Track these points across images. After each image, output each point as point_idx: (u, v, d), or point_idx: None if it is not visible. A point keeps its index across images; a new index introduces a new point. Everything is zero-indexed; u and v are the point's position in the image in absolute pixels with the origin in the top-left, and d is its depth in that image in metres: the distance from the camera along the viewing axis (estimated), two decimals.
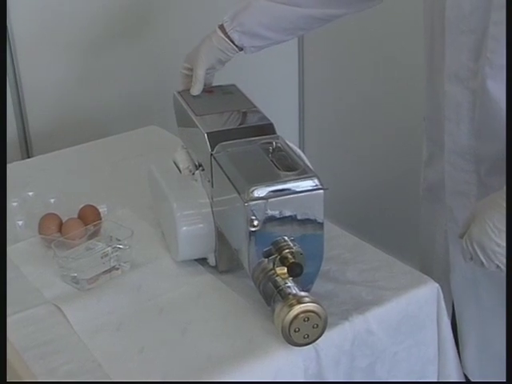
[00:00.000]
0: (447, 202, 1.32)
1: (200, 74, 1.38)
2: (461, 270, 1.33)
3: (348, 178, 2.43)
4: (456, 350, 1.27)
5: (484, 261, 1.13)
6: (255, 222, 1.08)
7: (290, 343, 1.05)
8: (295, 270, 1.08)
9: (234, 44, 1.39)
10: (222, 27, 1.39)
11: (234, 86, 1.43)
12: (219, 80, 1.47)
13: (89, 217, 1.39)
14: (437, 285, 1.24)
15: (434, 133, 1.33)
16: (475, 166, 1.26)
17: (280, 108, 2.35)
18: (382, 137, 2.37)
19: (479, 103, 1.20)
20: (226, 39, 1.39)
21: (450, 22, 1.19)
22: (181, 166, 1.34)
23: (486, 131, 1.21)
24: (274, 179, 1.10)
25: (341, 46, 2.42)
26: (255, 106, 1.33)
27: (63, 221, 1.38)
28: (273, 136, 1.23)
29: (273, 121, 1.27)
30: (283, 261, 1.09)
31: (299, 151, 1.21)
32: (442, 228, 1.37)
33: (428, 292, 1.23)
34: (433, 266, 1.41)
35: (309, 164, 1.17)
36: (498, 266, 1.13)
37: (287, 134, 1.27)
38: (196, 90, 1.38)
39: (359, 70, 2.39)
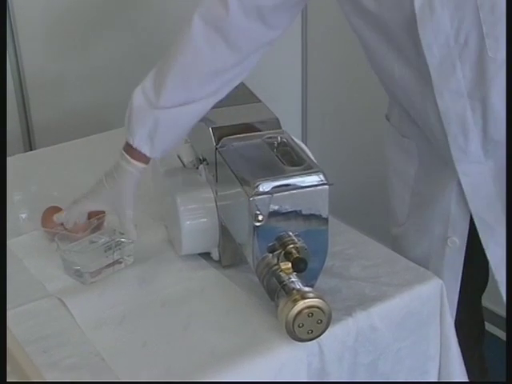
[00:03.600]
0: None
1: (130, 215, 1.25)
2: None
3: (350, 174, 2.42)
4: (458, 347, 1.27)
5: None
6: (260, 217, 1.07)
7: (293, 338, 1.05)
8: (299, 266, 1.07)
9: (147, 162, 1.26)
10: (135, 155, 1.24)
11: None
12: None
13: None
14: (440, 281, 1.24)
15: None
16: None
17: (283, 103, 2.34)
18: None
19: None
20: (143, 164, 1.25)
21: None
22: (185, 160, 1.34)
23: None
24: (279, 174, 1.10)
25: (344, 43, 2.41)
26: (260, 101, 1.33)
27: None
28: (278, 131, 1.22)
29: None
30: (287, 256, 1.08)
31: (304, 146, 1.21)
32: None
33: (431, 288, 1.23)
34: None
35: (313, 159, 1.17)
36: None
37: (290, 129, 1.26)
38: (134, 234, 1.25)
39: (362, 66, 2.38)
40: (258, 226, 1.08)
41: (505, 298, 1.23)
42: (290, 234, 1.10)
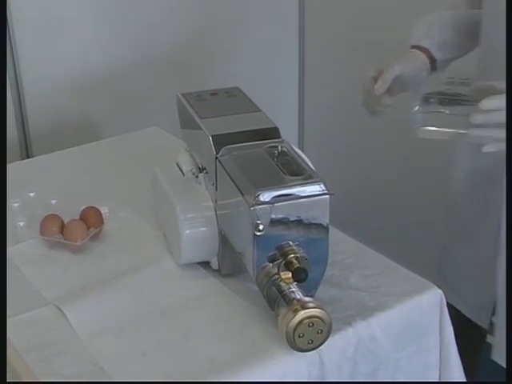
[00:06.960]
0: None
1: (389, 76, 1.37)
2: None
3: (348, 183, 2.42)
4: (459, 356, 1.27)
5: None
6: (260, 227, 1.07)
7: (294, 348, 1.05)
8: (300, 276, 1.07)
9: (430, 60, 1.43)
10: (417, 47, 1.44)
11: (237, 88, 1.43)
12: (219, 83, 1.46)
13: (90, 218, 1.38)
14: (440, 291, 1.23)
15: None
16: None
17: (279, 112, 2.35)
18: (383, 141, 2.36)
19: None
20: (423, 55, 1.43)
21: None
22: (184, 169, 1.34)
23: None
24: (280, 183, 1.10)
25: (341, 48, 2.42)
26: (260, 109, 1.32)
27: (65, 222, 1.37)
28: (278, 140, 1.22)
29: None
30: (288, 266, 1.08)
31: (304, 156, 1.21)
32: None
33: (431, 298, 1.23)
34: None
35: (314, 169, 1.16)
36: None
37: (286, 138, 1.26)
38: (379, 87, 1.37)
39: (360, 73, 2.39)
40: (258, 236, 1.08)
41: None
42: (291, 243, 1.10)
